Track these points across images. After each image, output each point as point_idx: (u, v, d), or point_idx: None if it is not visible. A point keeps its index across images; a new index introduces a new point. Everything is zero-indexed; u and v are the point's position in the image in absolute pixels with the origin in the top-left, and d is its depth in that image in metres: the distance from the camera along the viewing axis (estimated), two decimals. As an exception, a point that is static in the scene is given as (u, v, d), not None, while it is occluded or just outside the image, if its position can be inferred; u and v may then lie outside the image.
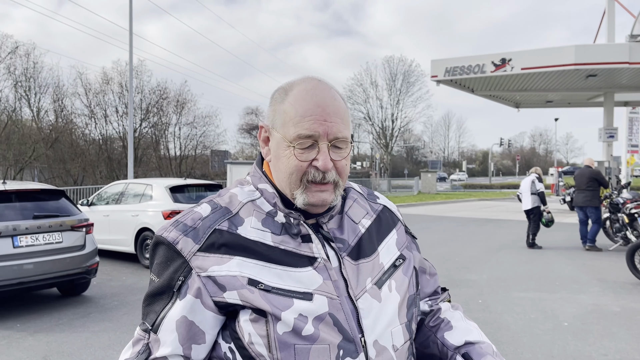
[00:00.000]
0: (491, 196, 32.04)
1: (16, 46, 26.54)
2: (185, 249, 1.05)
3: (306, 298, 1.02)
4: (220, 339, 1.07)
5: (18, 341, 5.17)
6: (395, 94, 50.28)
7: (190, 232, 1.07)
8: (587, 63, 16.17)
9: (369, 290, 1.10)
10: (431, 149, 79.57)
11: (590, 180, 10.48)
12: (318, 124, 1.05)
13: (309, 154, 1.06)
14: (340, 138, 1.07)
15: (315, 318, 1.01)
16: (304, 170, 1.07)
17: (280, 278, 1.03)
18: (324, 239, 1.11)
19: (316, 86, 1.10)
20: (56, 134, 28.09)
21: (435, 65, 19.15)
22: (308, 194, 1.07)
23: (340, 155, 1.08)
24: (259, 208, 1.12)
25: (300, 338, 1.00)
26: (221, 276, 1.02)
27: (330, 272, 1.07)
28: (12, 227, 5.99)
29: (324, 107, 1.07)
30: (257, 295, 1.01)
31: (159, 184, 9.55)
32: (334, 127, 1.06)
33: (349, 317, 1.04)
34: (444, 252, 10.41)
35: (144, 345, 1.05)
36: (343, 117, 1.09)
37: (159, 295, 1.06)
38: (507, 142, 58.72)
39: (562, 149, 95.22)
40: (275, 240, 1.07)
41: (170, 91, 34.06)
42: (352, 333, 1.03)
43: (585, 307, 6.30)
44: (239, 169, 20.08)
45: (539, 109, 29.57)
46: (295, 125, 1.06)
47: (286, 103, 1.09)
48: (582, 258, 9.79)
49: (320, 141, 1.06)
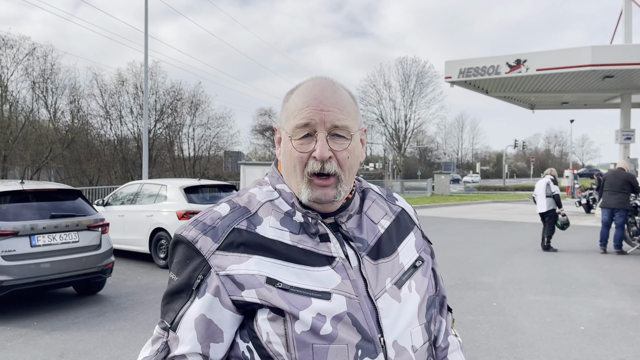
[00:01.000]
0: (505, 198, 31.78)
1: (34, 48, 26.90)
2: (204, 247, 1.05)
3: (324, 297, 1.02)
4: (238, 338, 1.07)
5: (35, 339, 5.23)
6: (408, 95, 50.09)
7: (209, 231, 1.07)
8: (603, 64, 15.97)
9: (389, 290, 1.09)
10: (444, 150, 79.17)
11: (625, 183, 10.31)
12: (314, 112, 1.06)
13: (308, 145, 1.07)
14: (338, 126, 1.07)
15: (334, 317, 1.01)
16: (304, 161, 1.07)
17: (298, 277, 1.04)
18: (343, 238, 1.11)
19: (319, 82, 1.12)
20: (72, 134, 28.40)
21: (449, 67, 19.06)
22: (311, 189, 1.07)
23: (341, 146, 1.07)
24: (277, 208, 1.12)
25: (319, 337, 1.00)
26: (240, 275, 1.03)
27: (349, 271, 1.07)
28: (30, 227, 6.07)
29: (322, 99, 1.08)
30: (275, 294, 1.01)
31: (174, 185, 9.61)
32: (331, 115, 1.06)
33: (368, 316, 1.04)
34: (458, 255, 10.35)
35: (163, 344, 1.06)
36: (343, 108, 1.09)
37: (178, 294, 1.07)
38: (522, 144, 58.19)
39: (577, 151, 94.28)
40: (294, 239, 1.08)
41: (185, 92, 34.29)
42: (371, 333, 1.03)
43: (602, 311, 6.22)
44: (252, 169, 20.12)
45: (554, 110, 29.27)
46: (294, 118, 1.08)
47: (290, 101, 1.12)
48: (599, 261, 9.67)
49: (318, 130, 1.06)
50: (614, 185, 10.43)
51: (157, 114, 32.41)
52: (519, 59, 17.40)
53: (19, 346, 5.02)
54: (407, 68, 49.70)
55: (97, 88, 31.08)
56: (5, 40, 25.68)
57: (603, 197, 10.82)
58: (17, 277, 5.84)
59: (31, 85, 27.41)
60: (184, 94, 34.11)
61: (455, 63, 18.94)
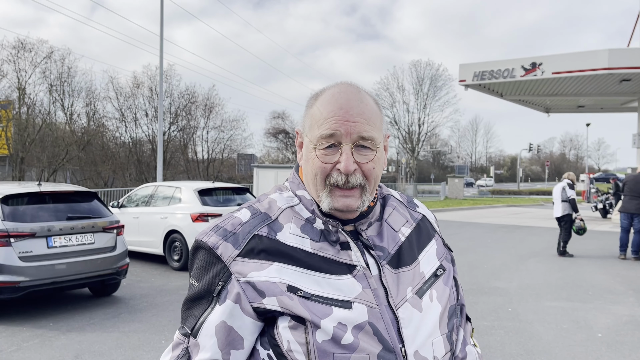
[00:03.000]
0: (519, 202, 31.49)
1: (51, 51, 27.23)
2: (225, 254, 1.05)
3: (345, 306, 1.01)
4: (259, 346, 1.06)
5: (51, 340, 5.28)
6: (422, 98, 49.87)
7: (230, 237, 1.07)
8: (620, 67, 15.79)
9: (410, 299, 1.08)
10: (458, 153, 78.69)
11: None
12: (339, 123, 1.04)
13: (332, 156, 1.05)
14: (365, 138, 1.05)
15: (355, 327, 1.00)
16: (327, 172, 1.06)
17: (319, 285, 1.03)
18: (364, 246, 1.10)
19: (344, 90, 1.09)
20: (88, 137, 28.68)
21: (463, 70, 18.97)
22: (332, 198, 1.06)
23: (367, 158, 1.06)
24: (297, 214, 1.11)
25: (340, 347, 0.99)
26: (260, 282, 1.02)
27: (370, 280, 1.06)
28: (47, 228, 6.14)
29: (348, 109, 1.05)
30: (296, 302, 1.00)
31: (188, 187, 9.66)
32: (357, 127, 1.04)
33: (389, 326, 1.03)
34: (472, 259, 10.26)
35: (184, 350, 1.06)
36: (369, 119, 1.07)
37: (199, 300, 1.07)
38: (537, 148, 57.54)
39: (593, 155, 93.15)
40: (314, 247, 1.07)
41: (199, 95, 34.49)
42: (393, 343, 1.02)
43: (620, 318, 6.13)
44: (265, 172, 20.17)
45: (569, 114, 28.98)
46: (319, 127, 1.06)
47: (314, 107, 1.10)
48: (616, 267, 9.53)
49: (343, 142, 1.05)
50: (635, 190, 10.26)
51: (172, 117, 32.63)
52: (534, 62, 17.27)
53: (35, 347, 5.08)
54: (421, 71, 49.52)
55: (113, 91, 31.40)
56: (23, 44, 26.03)
57: (623, 202, 10.66)
58: (33, 278, 5.90)
59: (48, 88, 27.74)
60: (198, 97, 34.34)
61: (470, 66, 18.84)
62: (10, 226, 5.90)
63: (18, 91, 26.14)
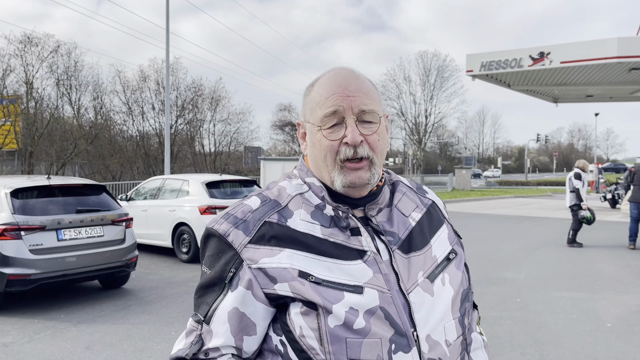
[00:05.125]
0: (527, 193, 31.34)
1: (58, 45, 27.30)
2: (236, 241, 1.06)
3: (357, 291, 1.02)
4: (271, 332, 1.07)
5: (62, 331, 5.34)
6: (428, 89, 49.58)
7: (240, 224, 1.07)
8: (630, 56, 15.59)
9: (421, 283, 1.08)
10: (465, 145, 78.37)
11: None
12: (340, 99, 1.07)
13: (338, 132, 1.07)
14: (366, 111, 1.08)
15: (367, 311, 1.01)
16: (336, 149, 1.07)
17: (330, 271, 1.03)
18: (374, 232, 1.10)
19: (339, 72, 1.13)
20: (96, 130, 28.83)
21: (470, 60, 18.82)
22: (344, 174, 1.07)
23: (371, 130, 1.08)
24: (307, 201, 1.12)
25: (352, 332, 1.00)
26: (272, 268, 1.03)
27: (381, 265, 1.06)
28: (57, 221, 6.19)
29: (346, 86, 1.08)
30: (308, 287, 1.01)
31: (196, 180, 9.69)
32: (357, 100, 1.07)
33: (401, 310, 1.03)
34: (480, 250, 10.24)
35: (197, 336, 1.07)
36: (368, 93, 1.10)
37: (211, 287, 1.08)
38: (544, 138, 57.17)
39: (602, 145, 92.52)
40: (325, 232, 1.07)
41: (205, 88, 34.52)
42: (404, 327, 1.02)
43: (630, 308, 6.10)
44: (272, 165, 20.19)
45: (578, 103, 28.76)
46: (321, 107, 1.08)
47: (313, 92, 1.13)
48: (626, 257, 9.49)
49: (346, 116, 1.07)
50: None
51: (179, 110, 32.70)
52: (542, 52, 17.10)
53: (47, 338, 5.13)
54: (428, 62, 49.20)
55: (120, 85, 31.50)
56: (30, 39, 26.12)
57: (632, 192, 10.58)
58: (44, 271, 5.95)
59: (56, 82, 27.86)
60: (204, 90, 34.38)
61: (477, 56, 18.69)
62: (20, 219, 5.94)
63: (26, 85, 26.27)
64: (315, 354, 1.00)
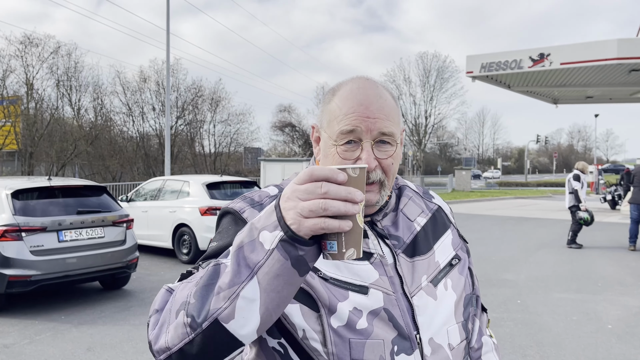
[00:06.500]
0: (527, 194, 31.35)
1: (58, 46, 27.33)
2: (251, 218, 1.04)
3: (362, 291, 1.02)
4: (265, 335, 1.04)
5: (63, 333, 5.34)
6: (428, 90, 49.65)
7: (257, 206, 1.08)
8: (630, 57, 15.61)
9: (425, 287, 1.09)
10: (465, 145, 78.40)
11: None
12: (360, 120, 1.03)
13: (353, 153, 1.05)
14: (385, 134, 1.05)
15: (370, 312, 1.01)
16: None
17: (337, 269, 1.04)
18: (379, 235, 1.11)
19: (362, 85, 1.09)
20: (96, 131, 28.83)
21: (470, 61, 18.84)
22: None
23: (386, 154, 1.06)
24: None
25: (355, 332, 1.00)
26: None
27: (386, 267, 1.07)
28: (58, 222, 6.19)
29: (367, 105, 1.05)
30: (317, 281, 1.01)
31: (196, 181, 9.70)
32: (377, 123, 1.04)
33: (404, 313, 1.04)
34: (480, 251, 10.25)
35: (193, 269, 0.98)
36: (389, 114, 1.06)
37: (219, 254, 1.00)
38: (544, 139, 57.18)
39: (602, 146, 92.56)
40: None
41: (205, 89, 34.55)
42: (408, 330, 1.03)
43: (630, 310, 6.11)
44: (272, 166, 20.20)
45: (578, 105, 28.78)
46: (339, 123, 1.05)
47: (332, 103, 1.09)
48: (626, 259, 9.49)
49: (363, 139, 1.04)
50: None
51: (179, 111, 32.72)
52: (542, 53, 17.11)
53: (48, 339, 5.13)
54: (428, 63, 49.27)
55: (120, 85, 31.54)
56: (30, 39, 26.16)
57: (632, 193, 10.60)
58: (45, 272, 5.96)
59: (56, 83, 27.89)
60: (204, 91, 34.41)
61: (477, 57, 18.71)
62: (21, 220, 5.95)
63: (26, 86, 26.30)
64: (318, 355, 1.00)
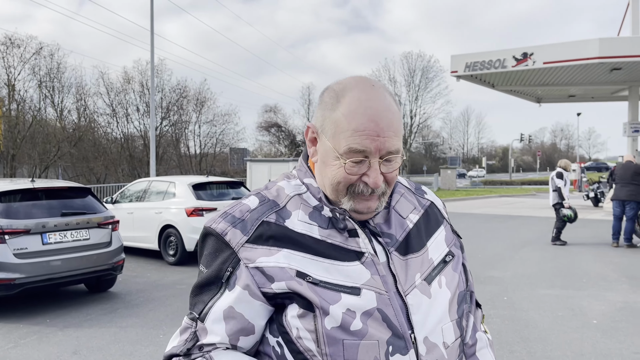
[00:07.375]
0: (512, 192, 31.65)
1: (40, 47, 26.99)
2: (233, 240, 1.05)
3: (354, 293, 1.01)
4: (268, 333, 1.07)
5: (48, 336, 5.27)
6: (413, 90, 49.87)
7: (238, 223, 1.07)
8: (611, 56, 15.87)
9: (418, 285, 1.08)
10: (450, 145, 78.94)
11: (636, 174, 10.22)
12: (370, 139, 1.02)
13: (359, 169, 1.04)
14: (392, 151, 1.04)
15: (364, 313, 1.01)
16: (352, 182, 1.05)
17: (328, 272, 1.03)
18: (371, 233, 1.10)
19: (370, 96, 1.05)
20: (79, 133, 28.52)
21: (455, 61, 18.99)
22: (353, 201, 1.06)
23: (391, 168, 1.06)
24: (305, 202, 1.11)
25: (349, 333, 0.99)
26: (269, 267, 1.02)
27: (378, 267, 1.06)
28: (42, 225, 6.11)
29: (378, 122, 1.02)
30: (305, 287, 1.01)
31: (182, 182, 9.63)
32: (387, 142, 1.03)
33: (398, 312, 1.03)
34: (466, 249, 10.20)
35: (192, 334, 1.06)
36: (397, 130, 1.05)
37: (208, 286, 1.07)
38: (528, 138, 57.81)
39: (584, 145, 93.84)
40: (322, 233, 1.07)
41: (190, 90, 34.35)
42: (402, 329, 1.02)
43: (614, 305, 6.20)
44: (259, 166, 20.15)
45: (560, 103, 29.14)
46: (347, 139, 1.03)
47: (338, 112, 1.05)
48: (609, 255, 9.63)
49: (371, 157, 1.03)
50: (625, 178, 10.34)
51: (164, 112, 32.49)
52: (525, 52, 17.32)
53: (33, 343, 5.06)
54: (413, 63, 49.47)
55: (104, 86, 31.23)
56: (12, 40, 25.80)
57: (614, 190, 10.76)
58: (29, 275, 5.87)
59: (38, 84, 27.54)
60: (189, 92, 34.21)
61: (461, 57, 18.87)
62: (4, 223, 5.86)
63: (7, 87, 25.93)
64: (312, 355, 1.00)
